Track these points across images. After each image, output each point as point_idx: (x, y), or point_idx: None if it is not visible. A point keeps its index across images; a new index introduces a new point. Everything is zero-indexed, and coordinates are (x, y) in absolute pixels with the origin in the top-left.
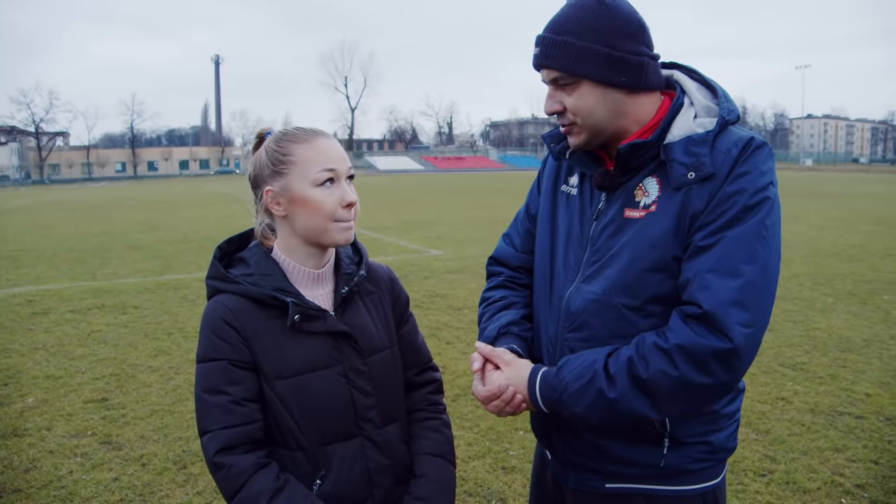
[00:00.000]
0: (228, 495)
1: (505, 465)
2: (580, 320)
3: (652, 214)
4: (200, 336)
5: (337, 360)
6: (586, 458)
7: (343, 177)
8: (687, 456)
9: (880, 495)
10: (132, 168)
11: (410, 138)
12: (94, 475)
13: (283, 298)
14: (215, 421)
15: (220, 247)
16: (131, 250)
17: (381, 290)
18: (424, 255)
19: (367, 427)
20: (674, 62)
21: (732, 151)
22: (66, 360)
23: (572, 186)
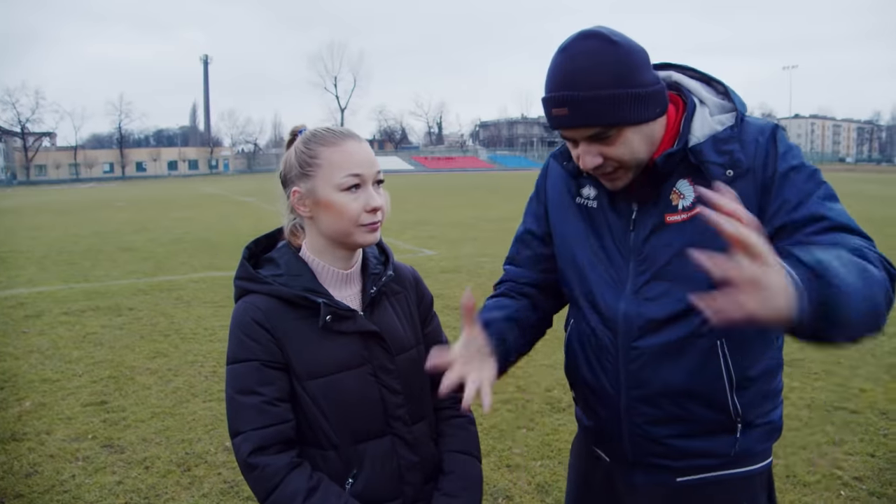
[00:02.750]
0: (262, 496)
1: (510, 463)
2: (645, 330)
3: (695, 217)
4: (231, 337)
5: (367, 359)
6: (661, 457)
7: (370, 181)
8: (755, 438)
9: (877, 487)
10: (120, 169)
11: (400, 138)
12: (97, 479)
13: (313, 299)
14: (249, 422)
15: (248, 247)
16: (123, 252)
17: (407, 290)
18: (418, 256)
19: (396, 425)
20: (666, 62)
21: (760, 140)
22: (62, 363)
23: (589, 199)
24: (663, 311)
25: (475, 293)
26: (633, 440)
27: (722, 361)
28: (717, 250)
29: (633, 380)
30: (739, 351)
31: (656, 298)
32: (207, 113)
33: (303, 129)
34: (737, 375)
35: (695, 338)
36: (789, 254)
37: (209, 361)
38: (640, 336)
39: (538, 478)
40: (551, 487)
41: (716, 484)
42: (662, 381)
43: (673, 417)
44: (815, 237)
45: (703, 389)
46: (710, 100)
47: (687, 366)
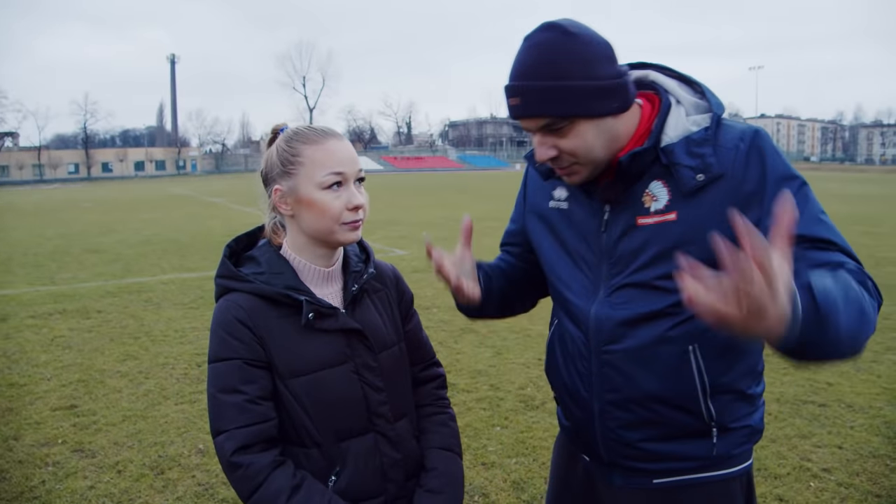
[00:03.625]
0: (246, 495)
1: (485, 461)
2: (616, 333)
3: (670, 223)
4: (212, 335)
5: (349, 356)
6: (635, 460)
7: (352, 179)
8: (732, 441)
9: (845, 477)
10: (86, 169)
11: (369, 138)
12: (67, 484)
13: (296, 297)
14: (231, 420)
15: (228, 245)
16: (90, 253)
17: (388, 288)
18: (389, 256)
19: (379, 422)
20: (643, 62)
21: (741, 147)
22: (29, 368)
23: (561, 201)
24: (633, 315)
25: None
26: (606, 443)
27: (694, 366)
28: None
29: (606, 383)
30: (713, 356)
31: (627, 302)
32: (174, 113)
33: (284, 128)
34: (710, 381)
35: (666, 342)
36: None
37: (180, 363)
38: (610, 340)
39: (513, 475)
40: (527, 484)
41: (693, 486)
42: (634, 386)
43: (646, 421)
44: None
45: (676, 395)
46: (686, 100)
47: (658, 370)
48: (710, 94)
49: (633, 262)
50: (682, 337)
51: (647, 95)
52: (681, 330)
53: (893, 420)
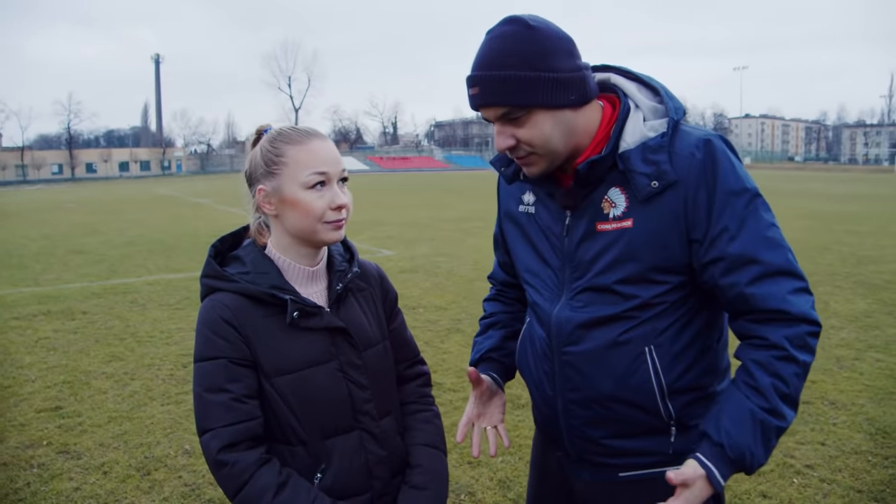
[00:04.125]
0: (232, 492)
1: (471, 460)
2: (574, 335)
3: (627, 229)
4: (198, 335)
5: (334, 355)
6: (600, 455)
7: (335, 179)
8: (692, 439)
9: (828, 474)
10: (70, 170)
11: (355, 139)
12: (53, 486)
13: (280, 296)
14: (217, 419)
15: (213, 245)
16: (74, 255)
17: (372, 287)
18: (376, 256)
19: (364, 420)
20: (605, 64)
21: (696, 156)
22: (13, 369)
23: (529, 205)
24: (591, 318)
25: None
26: (571, 440)
27: (651, 368)
28: (645, 262)
29: (567, 383)
30: (670, 358)
31: (586, 305)
32: (159, 113)
33: (268, 128)
34: (668, 381)
35: (622, 344)
36: (716, 426)
37: (166, 364)
38: (570, 341)
39: (500, 474)
40: (513, 483)
41: (657, 479)
42: (592, 386)
43: (606, 419)
44: (748, 289)
45: (633, 395)
46: (645, 104)
47: (615, 372)
48: (669, 99)
49: (593, 266)
50: (638, 339)
51: (609, 98)
52: (637, 333)
53: (875, 417)
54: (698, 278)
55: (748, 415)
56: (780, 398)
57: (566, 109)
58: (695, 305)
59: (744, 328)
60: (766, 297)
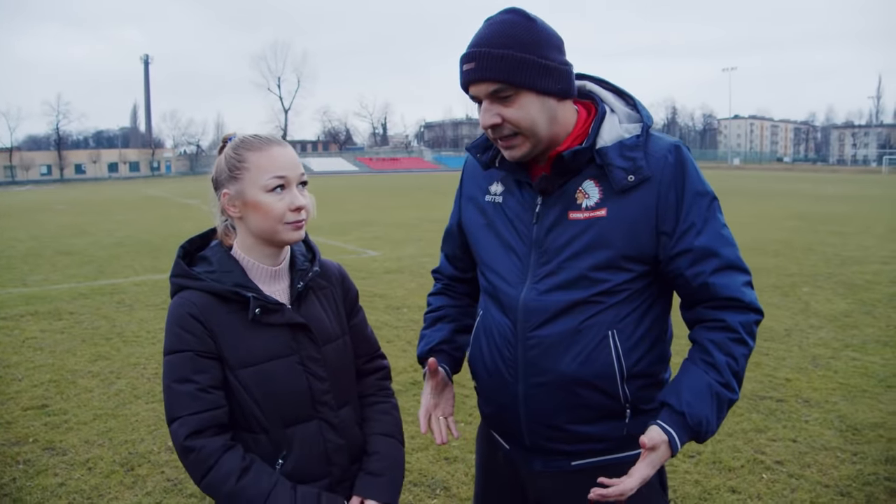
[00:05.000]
0: (199, 476)
1: (447, 455)
2: (541, 319)
3: (601, 218)
4: (167, 330)
5: (294, 349)
6: (557, 442)
7: (294, 183)
8: (643, 423)
9: (797, 469)
10: (58, 171)
11: (345, 139)
12: (38, 481)
13: (244, 294)
14: (184, 407)
15: (182, 246)
16: (62, 256)
17: (333, 285)
18: (362, 257)
19: (323, 410)
20: (582, 73)
21: (669, 158)
22: (0, 369)
23: (496, 195)
24: (558, 303)
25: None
26: (530, 426)
27: (613, 351)
28: (616, 250)
29: (531, 367)
30: (630, 343)
31: (553, 290)
32: (148, 114)
33: (233, 137)
34: (627, 364)
35: (588, 328)
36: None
37: (152, 363)
38: (537, 325)
39: (474, 469)
40: None
41: (608, 467)
42: (557, 369)
43: (567, 403)
44: (711, 278)
45: (596, 377)
46: (620, 109)
47: (580, 354)
48: (642, 107)
49: (562, 252)
50: (602, 324)
51: (584, 103)
52: (601, 318)
53: (847, 414)
54: (663, 269)
55: (706, 388)
56: (732, 375)
57: (552, 97)
58: (653, 295)
59: (701, 314)
60: (724, 286)
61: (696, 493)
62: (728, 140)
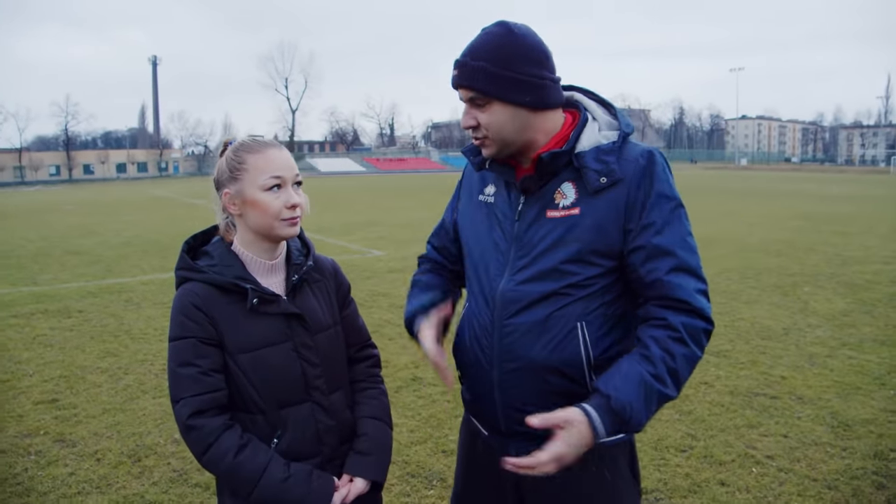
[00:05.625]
0: (200, 452)
1: (445, 448)
2: (516, 308)
3: (574, 216)
4: (172, 319)
5: (289, 336)
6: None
7: (289, 182)
8: None
9: (786, 464)
10: (67, 171)
11: (352, 140)
12: (49, 471)
13: (243, 285)
14: (187, 389)
15: (187, 241)
16: (71, 255)
17: (326, 279)
18: (366, 256)
19: (315, 394)
20: (571, 85)
21: (640, 161)
22: (11, 364)
23: (489, 196)
24: (531, 293)
25: None
26: (504, 411)
27: (581, 341)
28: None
29: (505, 354)
30: (598, 334)
31: (528, 281)
32: (156, 114)
33: (232, 141)
34: (594, 354)
35: (558, 318)
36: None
37: (159, 360)
38: (513, 314)
39: None
40: None
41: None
42: (529, 356)
43: (538, 389)
44: (664, 276)
45: (564, 365)
46: (601, 118)
47: (550, 342)
48: (622, 116)
49: (537, 247)
50: (572, 315)
51: (571, 112)
52: (571, 309)
53: (839, 411)
54: (624, 264)
55: (636, 376)
56: (667, 370)
57: (522, 108)
58: (622, 291)
59: (649, 312)
60: (676, 286)
61: (686, 485)
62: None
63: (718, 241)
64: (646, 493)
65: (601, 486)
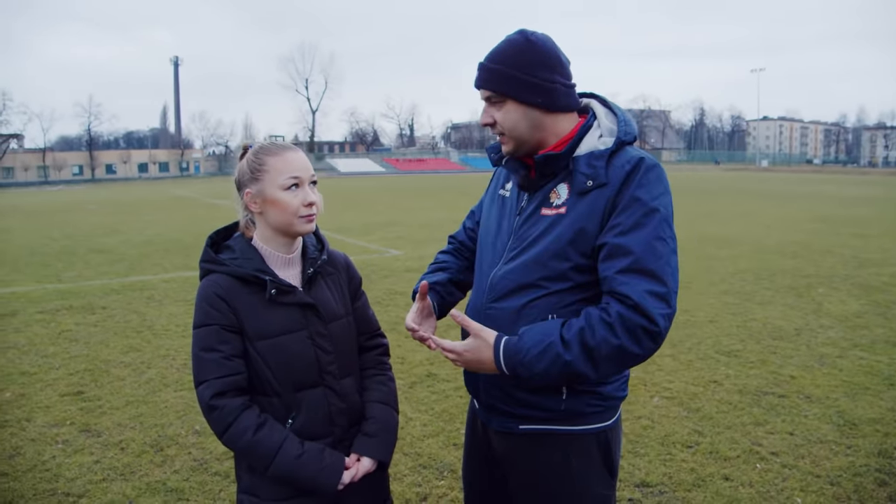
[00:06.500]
0: (220, 430)
1: (456, 442)
2: (498, 294)
3: (561, 215)
4: (196, 307)
5: (304, 325)
6: (504, 403)
7: (306, 182)
8: (582, 402)
9: (791, 460)
10: (90, 171)
11: (371, 140)
12: (76, 459)
13: (262, 277)
14: (210, 372)
15: (210, 236)
16: (95, 253)
17: (339, 272)
18: (385, 256)
19: (328, 378)
20: (591, 92)
21: (625, 167)
22: (38, 358)
23: (507, 191)
24: (512, 282)
25: None
26: (485, 386)
27: None
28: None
29: None
30: None
31: (513, 271)
32: (178, 115)
33: (251, 145)
34: None
35: (532, 308)
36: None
37: (181, 355)
38: (495, 299)
39: None
40: None
41: (550, 436)
42: None
43: None
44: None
45: None
46: (605, 125)
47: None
48: (623, 124)
49: (527, 239)
50: (544, 306)
51: (584, 117)
52: (546, 301)
53: (846, 410)
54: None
55: (549, 332)
56: (579, 342)
57: (535, 108)
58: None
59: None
60: (623, 283)
61: (691, 479)
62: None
63: (734, 241)
64: (650, 486)
65: (566, 468)
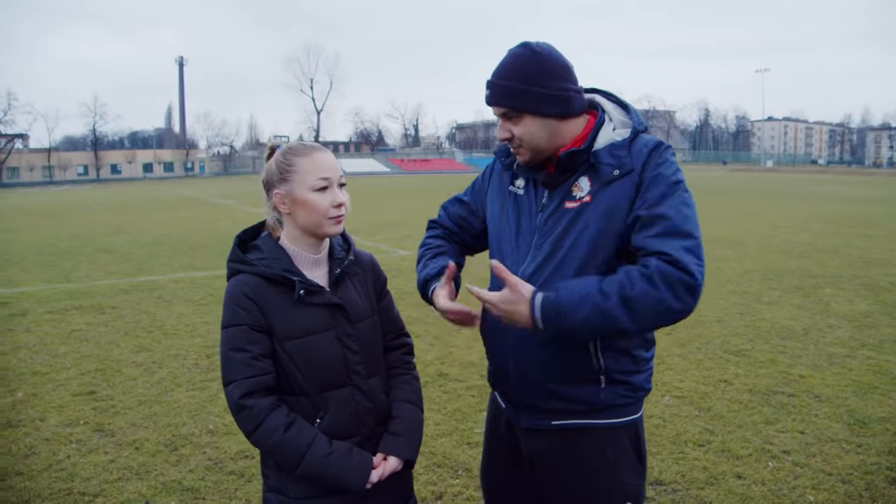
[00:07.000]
0: (249, 430)
1: (470, 441)
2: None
3: (586, 203)
4: (225, 307)
5: (332, 325)
6: (537, 399)
7: (335, 183)
8: (616, 392)
9: (802, 459)
10: (95, 171)
11: (376, 140)
12: (90, 458)
13: (290, 277)
14: (239, 372)
15: (238, 236)
16: (102, 253)
17: (365, 272)
18: (392, 256)
19: (355, 378)
20: (593, 87)
21: (644, 151)
22: (50, 358)
23: (519, 188)
24: (544, 273)
25: None
26: (516, 380)
27: None
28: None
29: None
30: None
31: (543, 263)
32: (183, 115)
33: (278, 146)
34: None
35: None
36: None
37: (192, 354)
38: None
39: None
40: None
41: (584, 430)
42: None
43: (545, 359)
44: (652, 238)
45: (571, 341)
46: (617, 118)
47: None
48: (635, 115)
49: (553, 233)
50: None
51: (592, 113)
52: None
53: (856, 409)
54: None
55: (589, 284)
56: (618, 292)
57: (551, 118)
58: None
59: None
60: (660, 243)
61: (704, 478)
62: (762, 142)
63: (740, 242)
64: (664, 485)
65: (603, 461)
